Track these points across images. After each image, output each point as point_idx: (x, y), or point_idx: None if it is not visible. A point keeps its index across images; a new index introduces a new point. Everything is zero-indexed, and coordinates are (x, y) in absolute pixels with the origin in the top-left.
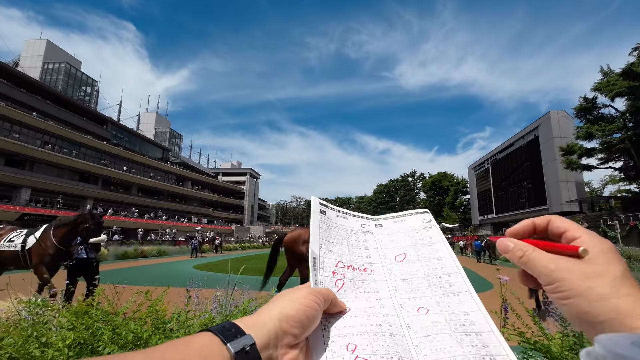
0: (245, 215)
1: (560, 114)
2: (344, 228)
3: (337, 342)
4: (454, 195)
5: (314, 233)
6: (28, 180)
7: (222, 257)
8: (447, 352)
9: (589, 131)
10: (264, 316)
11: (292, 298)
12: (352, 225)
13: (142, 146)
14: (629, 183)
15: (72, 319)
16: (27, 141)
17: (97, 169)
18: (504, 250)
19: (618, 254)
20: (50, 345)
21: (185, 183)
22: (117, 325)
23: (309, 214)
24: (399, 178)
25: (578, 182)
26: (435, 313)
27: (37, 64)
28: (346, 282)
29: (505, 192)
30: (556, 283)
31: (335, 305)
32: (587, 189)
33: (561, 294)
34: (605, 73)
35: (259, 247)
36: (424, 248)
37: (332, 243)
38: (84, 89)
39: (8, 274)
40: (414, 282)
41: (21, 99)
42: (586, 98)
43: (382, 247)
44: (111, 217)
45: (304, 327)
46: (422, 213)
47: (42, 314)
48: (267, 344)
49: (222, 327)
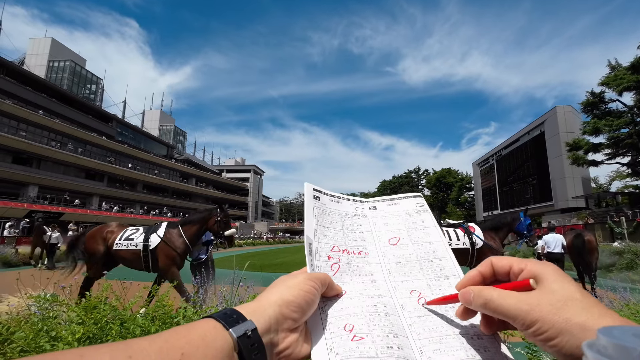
0: (249, 212)
1: (566, 109)
2: (338, 212)
3: (334, 323)
4: (459, 192)
5: (308, 219)
6: (35, 178)
7: (227, 253)
8: (438, 332)
9: (595, 126)
10: (263, 302)
11: (290, 284)
12: (346, 209)
13: (146, 143)
14: (637, 179)
15: (81, 314)
16: (34, 139)
17: (102, 166)
18: (466, 301)
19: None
20: (60, 339)
21: (190, 180)
22: (125, 320)
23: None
24: (402, 174)
25: (584, 177)
26: (426, 296)
27: (42, 62)
28: (342, 266)
29: (510, 188)
30: (536, 325)
31: (331, 289)
32: (594, 184)
33: (545, 335)
34: (613, 67)
35: (264, 244)
36: (417, 232)
37: (327, 228)
38: (89, 86)
39: (17, 270)
40: (406, 266)
41: (27, 97)
42: (593, 92)
43: (376, 230)
44: (117, 214)
45: (303, 312)
46: (416, 197)
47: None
48: (268, 329)
49: (223, 314)
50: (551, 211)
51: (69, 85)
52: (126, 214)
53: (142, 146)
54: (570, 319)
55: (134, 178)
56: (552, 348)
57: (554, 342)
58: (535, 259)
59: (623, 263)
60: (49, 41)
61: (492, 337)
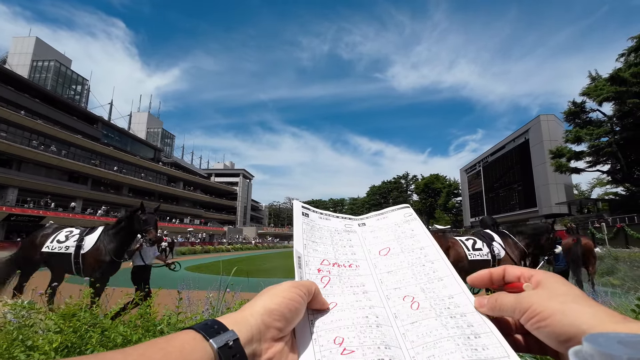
0: (238, 217)
1: (550, 118)
2: (327, 229)
3: (324, 336)
4: (446, 197)
5: (297, 235)
6: (15, 180)
7: (214, 258)
8: (433, 336)
9: (577, 135)
10: (246, 312)
11: (274, 292)
12: (335, 225)
13: (133, 146)
14: (616, 186)
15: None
16: (15, 140)
17: (87, 168)
18: (479, 305)
19: (565, 279)
20: (37, 349)
21: (177, 184)
22: (106, 328)
23: None
24: (392, 180)
25: (567, 184)
26: (420, 300)
27: (25, 62)
28: (332, 278)
29: (496, 194)
30: (531, 307)
31: (317, 300)
32: (576, 191)
33: (539, 315)
34: (594, 78)
35: (252, 249)
36: (407, 240)
37: (316, 243)
38: (74, 87)
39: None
40: (398, 273)
41: (9, 96)
42: (575, 102)
43: (366, 243)
44: (101, 218)
45: (287, 320)
46: (403, 208)
47: (28, 316)
48: (250, 339)
49: (204, 325)
50: (535, 217)
51: (54, 85)
52: (110, 218)
53: (129, 149)
54: (565, 301)
55: (119, 181)
56: (545, 329)
57: (546, 322)
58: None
59: (604, 268)
60: (33, 40)
61: (490, 334)
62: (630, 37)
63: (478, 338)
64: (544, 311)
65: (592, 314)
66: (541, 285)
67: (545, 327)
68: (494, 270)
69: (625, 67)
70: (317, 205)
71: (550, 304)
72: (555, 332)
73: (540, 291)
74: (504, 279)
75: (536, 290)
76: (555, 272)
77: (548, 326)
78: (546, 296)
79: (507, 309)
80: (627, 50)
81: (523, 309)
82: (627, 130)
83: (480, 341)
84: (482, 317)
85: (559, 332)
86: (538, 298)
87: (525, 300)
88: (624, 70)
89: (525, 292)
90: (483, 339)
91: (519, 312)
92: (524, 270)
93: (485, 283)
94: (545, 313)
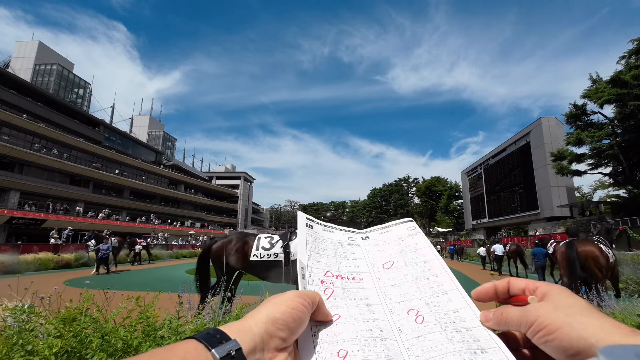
0: (239, 219)
1: (551, 120)
2: (331, 241)
3: (327, 349)
4: (448, 200)
5: (301, 245)
6: (17, 183)
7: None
8: (438, 350)
9: (579, 137)
10: (249, 321)
11: (278, 301)
12: (339, 238)
13: (135, 149)
14: (618, 188)
15: (59, 326)
16: (17, 143)
17: (88, 171)
18: (485, 319)
19: (569, 290)
20: (37, 354)
21: (179, 186)
22: (107, 332)
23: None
24: (393, 182)
25: (569, 187)
26: (425, 313)
27: (28, 66)
28: (335, 290)
29: (497, 197)
30: (538, 320)
31: (321, 312)
32: (578, 194)
33: (546, 329)
34: (594, 80)
35: None
36: (411, 254)
37: (319, 254)
38: (76, 91)
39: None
40: (402, 287)
41: (11, 100)
42: (576, 105)
43: (370, 257)
44: (102, 221)
45: (291, 330)
46: (407, 222)
47: (28, 320)
48: (253, 348)
49: (206, 334)
50: (537, 220)
51: (56, 89)
52: (112, 221)
53: (130, 152)
54: (571, 313)
55: (121, 184)
56: (552, 342)
57: (554, 336)
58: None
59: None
60: (35, 44)
61: (497, 349)
62: (631, 39)
63: (485, 353)
64: (551, 324)
65: (600, 327)
66: (546, 297)
67: (552, 340)
68: (498, 283)
69: (626, 69)
70: (318, 207)
71: (557, 317)
72: (563, 346)
73: (545, 304)
74: (509, 292)
75: (542, 302)
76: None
77: (555, 340)
78: (552, 309)
79: (513, 323)
80: (627, 52)
81: (529, 323)
82: (628, 133)
83: (487, 356)
84: (489, 331)
85: (567, 346)
86: (544, 311)
87: (531, 313)
88: (625, 73)
89: (531, 305)
90: (490, 354)
91: (525, 326)
92: (528, 282)
93: (490, 297)
94: (552, 326)
